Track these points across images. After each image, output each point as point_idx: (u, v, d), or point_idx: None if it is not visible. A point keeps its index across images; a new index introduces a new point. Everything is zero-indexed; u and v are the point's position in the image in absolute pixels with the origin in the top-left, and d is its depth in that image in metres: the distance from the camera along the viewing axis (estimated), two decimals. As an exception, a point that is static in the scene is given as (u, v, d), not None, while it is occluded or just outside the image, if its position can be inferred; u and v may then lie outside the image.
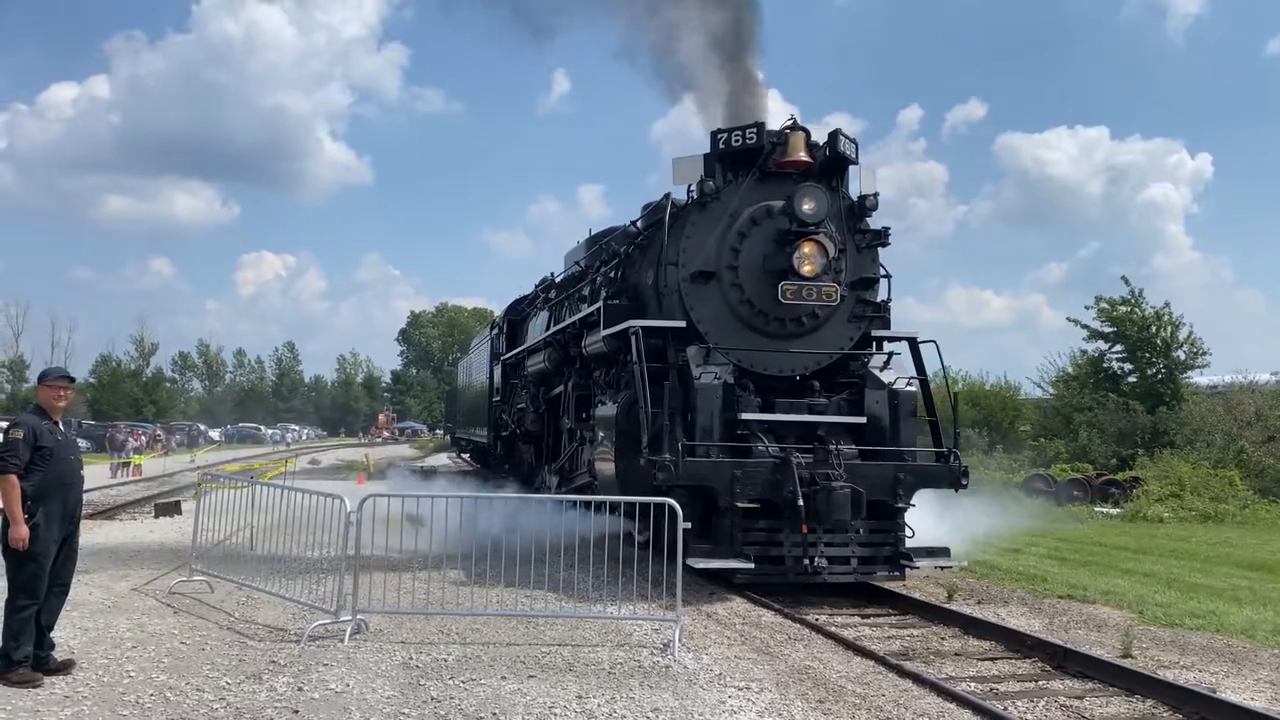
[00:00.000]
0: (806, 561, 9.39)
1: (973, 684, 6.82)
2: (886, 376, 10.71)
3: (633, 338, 10.14)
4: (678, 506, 7.73)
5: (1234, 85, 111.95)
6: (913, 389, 10.65)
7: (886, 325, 11.38)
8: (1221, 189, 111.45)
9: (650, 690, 6.26)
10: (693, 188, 11.00)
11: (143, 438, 36.87)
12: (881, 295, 11.32)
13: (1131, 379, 31.12)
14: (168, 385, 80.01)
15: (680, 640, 7.35)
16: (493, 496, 11.21)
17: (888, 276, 11.35)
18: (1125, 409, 28.49)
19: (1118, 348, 31.48)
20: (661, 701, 6.02)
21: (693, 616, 8.49)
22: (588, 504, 9.38)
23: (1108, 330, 31.33)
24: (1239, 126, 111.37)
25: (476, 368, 26.23)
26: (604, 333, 11.33)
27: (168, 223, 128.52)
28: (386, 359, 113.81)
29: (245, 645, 7.12)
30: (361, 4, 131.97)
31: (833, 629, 8.26)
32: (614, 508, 9.78)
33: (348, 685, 6.16)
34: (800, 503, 9.05)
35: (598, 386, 12.56)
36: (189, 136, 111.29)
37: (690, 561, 8.70)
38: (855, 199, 11.06)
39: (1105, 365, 31.93)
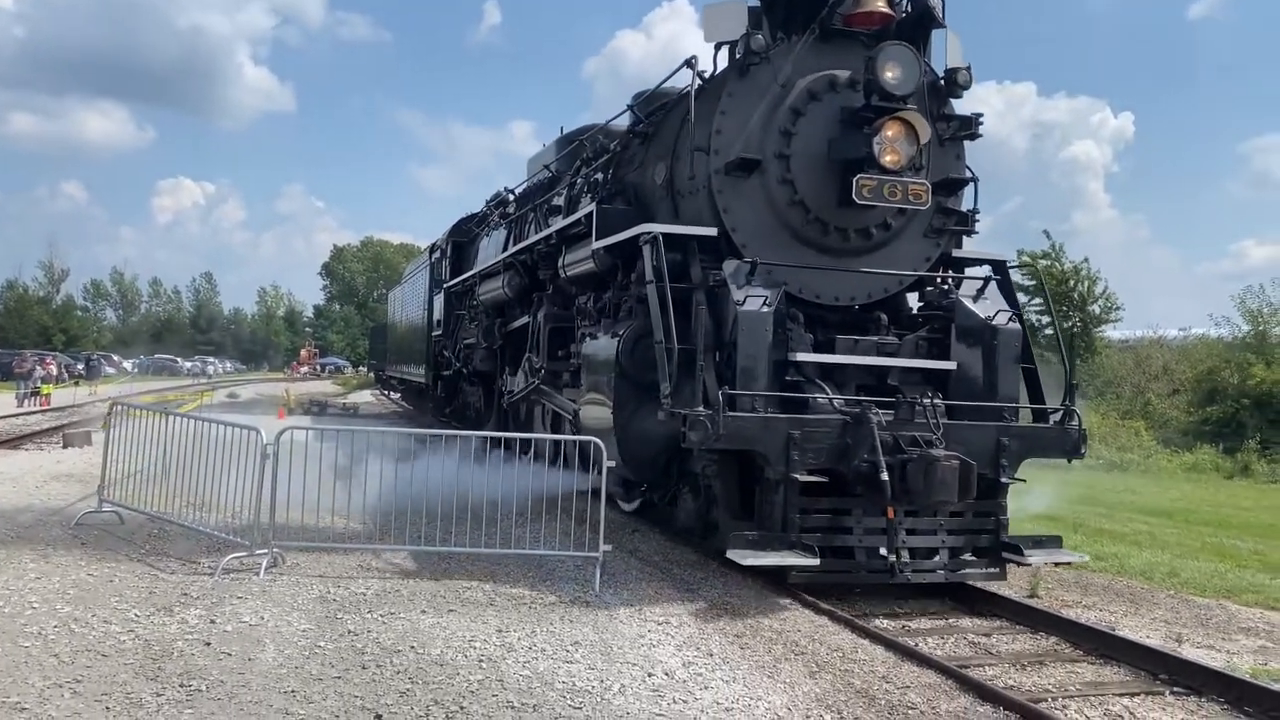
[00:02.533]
0: (892, 556, 7.23)
1: (885, 620, 7.02)
2: (982, 309, 8.51)
3: (646, 248, 7.84)
4: (602, 445, 7.62)
5: (1157, 47, 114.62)
6: (1015, 327, 8.50)
7: (960, 245, 9.13)
8: (1141, 149, 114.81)
9: (571, 624, 6.29)
10: (720, 58, 8.59)
11: (51, 366, 35.53)
12: (966, 204, 8.90)
13: (1048, 331, 31.94)
14: (79, 314, 77.23)
15: (601, 577, 7.39)
16: (414, 432, 10.27)
17: (974, 179, 8.83)
18: (1040, 360, 29.28)
19: (1036, 300, 32.26)
20: (581, 635, 6.05)
21: (615, 554, 8.50)
22: (532, 451, 8.39)
23: (1028, 283, 32.04)
24: (1160, 88, 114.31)
25: (411, 297, 23.38)
26: (597, 244, 9.02)
27: (78, 144, 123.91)
28: (309, 293, 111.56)
29: (156, 578, 6.95)
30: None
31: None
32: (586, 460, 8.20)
33: (262, 618, 6.05)
34: (884, 476, 6.86)
35: (584, 316, 10.25)
36: (100, 53, 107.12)
37: (734, 555, 6.91)
38: (941, 74, 8.56)
39: (1024, 317, 32.69)
